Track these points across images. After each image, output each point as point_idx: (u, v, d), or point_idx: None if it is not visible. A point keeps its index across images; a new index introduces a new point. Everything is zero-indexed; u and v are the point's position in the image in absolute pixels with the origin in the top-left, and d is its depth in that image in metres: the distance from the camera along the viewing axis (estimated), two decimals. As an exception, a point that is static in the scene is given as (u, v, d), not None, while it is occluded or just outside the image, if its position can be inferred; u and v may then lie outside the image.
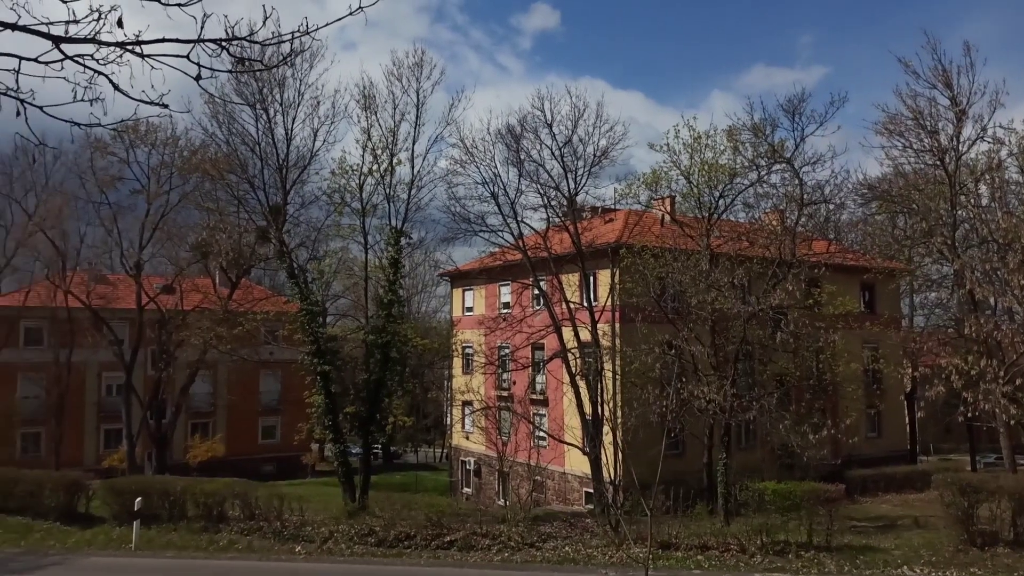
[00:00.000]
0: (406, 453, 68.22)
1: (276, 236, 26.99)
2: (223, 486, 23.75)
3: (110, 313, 40.65)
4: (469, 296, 43.41)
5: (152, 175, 34.42)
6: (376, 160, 27.08)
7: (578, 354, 28.17)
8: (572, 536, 21.32)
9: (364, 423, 27.13)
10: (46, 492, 24.66)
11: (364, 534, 21.06)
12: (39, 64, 3.80)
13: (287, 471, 50.11)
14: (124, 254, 36.04)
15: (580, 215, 30.99)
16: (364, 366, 27.90)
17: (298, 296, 27.14)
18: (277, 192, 27.98)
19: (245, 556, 20.21)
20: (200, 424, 50.78)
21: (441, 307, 65.37)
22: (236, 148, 27.88)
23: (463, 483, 43.04)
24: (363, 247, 28.28)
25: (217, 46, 3.65)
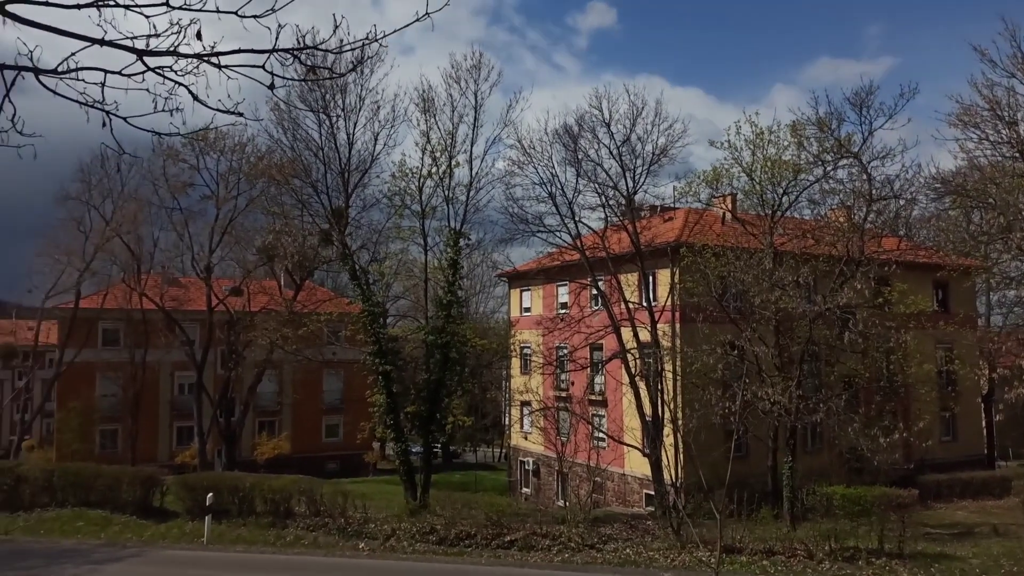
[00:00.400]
0: (465, 452, 68.74)
1: (339, 239, 27.56)
2: (289, 483, 24.38)
3: (182, 315, 42.19)
4: (527, 296, 43.46)
5: (221, 181, 35.67)
6: (435, 162, 27.41)
7: (637, 355, 27.90)
8: (633, 538, 21.13)
9: (425, 422, 27.45)
10: (124, 487, 25.74)
11: (425, 532, 21.31)
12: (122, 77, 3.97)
13: (350, 469, 51.07)
14: (195, 257, 37.42)
15: (639, 214, 30.70)
16: (424, 366, 28.24)
17: (360, 297, 27.65)
18: (339, 196, 28.60)
19: (311, 552, 20.69)
20: (267, 422, 52.21)
21: (499, 307, 65.66)
22: (300, 153, 28.62)
23: (522, 483, 43.11)
24: (423, 249, 28.65)
25: (290, 55, 3.76)
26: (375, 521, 22.46)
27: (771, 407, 22.15)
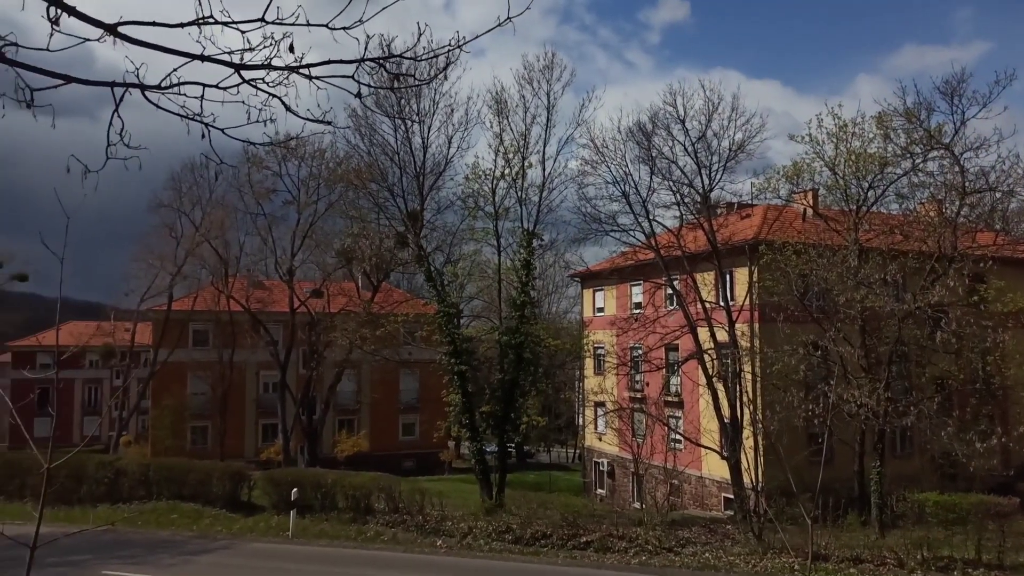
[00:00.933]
0: (539, 452, 68.81)
1: (414, 241, 28.06)
2: (369, 480, 24.98)
3: (266, 316, 43.80)
4: (600, 296, 43.19)
5: (302, 187, 36.90)
6: (508, 164, 27.58)
7: (715, 355, 27.35)
8: (712, 542, 20.71)
9: (499, 422, 27.64)
10: (214, 481, 26.90)
11: (501, 531, 21.45)
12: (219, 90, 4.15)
13: (426, 467, 51.91)
14: (278, 261, 38.81)
15: (715, 212, 30.09)
16: (499, 366, 28.45)
17: (435, 298, 28.07)
18: (415, 199, 29.12)
19: (391, 548, 21.13)
20: (346, 420, 53.60)
21: (572, 308, 65.46)
22: (377, 158, 29.30)
23: (596, 484, 42.87)
24: (496, 250, 28.88)
25: (376, 64, 3.86)
26: (452, 519, 22.75)
27: (857, 410, 21.33)
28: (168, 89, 4.07)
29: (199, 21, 3.50)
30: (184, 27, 3.45)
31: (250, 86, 4.07)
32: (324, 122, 4.35)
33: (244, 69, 3.75)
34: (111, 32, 3.31)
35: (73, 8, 3.18)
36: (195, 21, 3.46)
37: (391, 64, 4.10)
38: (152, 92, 4.03)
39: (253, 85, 3.93)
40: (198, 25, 3.58)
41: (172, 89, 4.07)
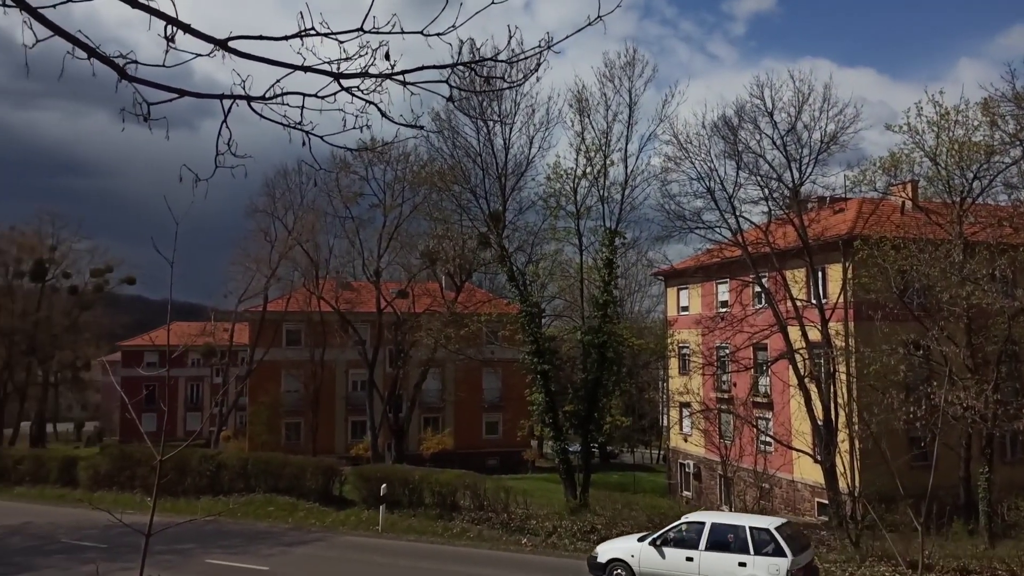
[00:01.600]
0: (622, 453, 68.17)
1: (496, 241, 28.31)
2: (455, 477, 25.38)
3: (354, 316, 45.07)
4: (684, 295, 42.41)
5: (387, 190, 37.86)
6: (590, 162, 27.47)
7: (806, 355, 26.42)
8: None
9: (583, 422, 27.56)
10: (307, 475, 27.93)
11: (586, 531, 21.40)
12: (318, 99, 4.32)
13: (509, 466, 52.23)
14: (365, 263, 39.95)
15: (805, 206, 29.08)
16: (581, 366, 28.37)
17: (518, 298, 28.24)
18: (497, 199, 29.39)
19: (477, 544, 21.40)
20: (431, 418, 54.55)
21: (655, 307, 64.54)
22: (459, 160, 29.74)
23: (682, 486, 42.12)
24: (578, 249, 28.80)
25: (467, 69, 3.94)
26: (536, 518, 22.84)
27: (963, 412, 20.17)
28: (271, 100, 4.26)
29: (301, 34, 3.66)
30: (287, 40, 3.61)
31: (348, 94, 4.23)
32: (416, 126, 4.47)
33: (343, 78, 3.89)
34: (222, 47, 3.51)
35: (188, 25, 3.38)
36: (298, 34, 3.62)
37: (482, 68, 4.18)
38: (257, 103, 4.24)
39: (351, 92, 4.08)
40: (300, 37, 3.74)
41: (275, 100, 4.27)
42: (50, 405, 65.05)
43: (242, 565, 19.10)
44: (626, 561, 16.59)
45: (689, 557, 15.73)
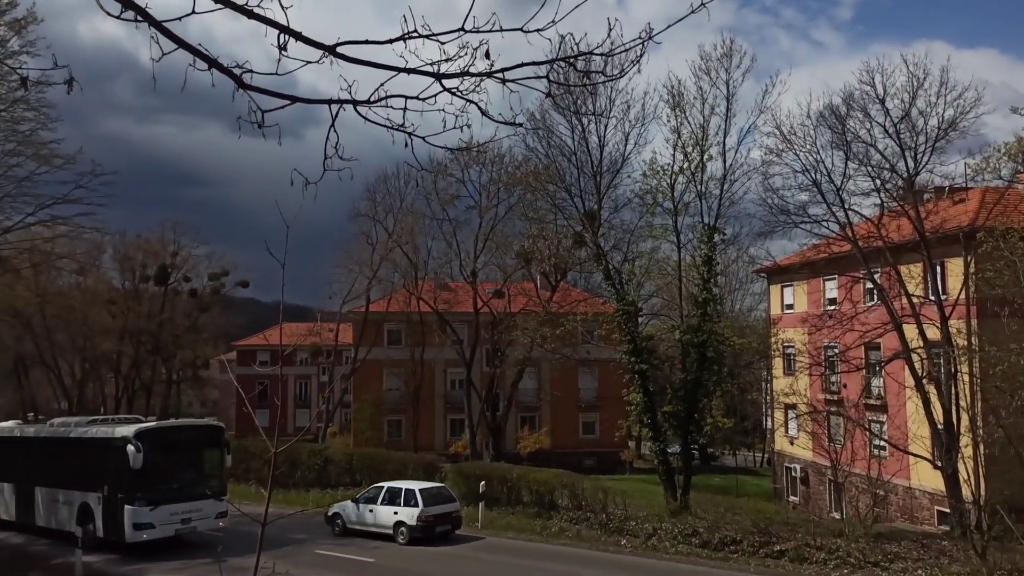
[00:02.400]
0: (724, 455, 66.38)
1: (592, 240, 28.14)
2: (552, 476, 25.44)
3: (452, 316, 45.94)
4: (788, 292, 40.80)
5: (483, 191, 38.42)
6: (687, 158, 26.88)
7: (924, 355, 24.89)
8: (925, 559, 18.88)
9: (682, 422, 27.00)
10: (409, 471, 28.64)
11: (687, 534, 20.95)
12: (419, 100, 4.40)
13: (606, 466, 51.80)
14: (462, 263, 40.69)
15: (921, 197, 27.39)
16: (680, 365, 27.80)
17: (614, 297, 27.97)
18: (592, 198, 29.21)
19: (575, 544, 21.35)
20: (528, 417, 54.84)
21: (757, 305, 62.48)
22: (554, 159, 29.75)
23: (788, 491, 40.55)
24: (675, 246, 28.25)
25: (567, 64, 3.92)
26: (636, 519, 22.58)
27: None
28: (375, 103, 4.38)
29: (404, 36, 3.74)
30: (391, 43, 3.70)
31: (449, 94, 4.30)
32: (515, 124, 4.50)
33: (444, 78, 3.96)
34: (331, 52, 3.63)
35: (299, 33, 3.52)
36: (401, 36, 3.71)
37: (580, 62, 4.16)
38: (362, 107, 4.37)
39: (452, 92, 4.14)
40: (403, 40, 3.83)
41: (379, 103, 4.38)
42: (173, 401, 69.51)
43: (349, 556, 19.79)
44: (340, 513, 23.20)
45: (371, 509, 22.38)
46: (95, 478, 20.08)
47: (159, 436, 20.29)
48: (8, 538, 23.34)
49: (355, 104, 4.28)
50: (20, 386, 65.36)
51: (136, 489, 19.19)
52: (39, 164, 28.83)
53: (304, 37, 3.51)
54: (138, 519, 19.09)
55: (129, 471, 18.93)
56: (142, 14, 3.23)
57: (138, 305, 57.90)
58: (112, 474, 19.63)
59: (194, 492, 20.17)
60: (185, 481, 20.60)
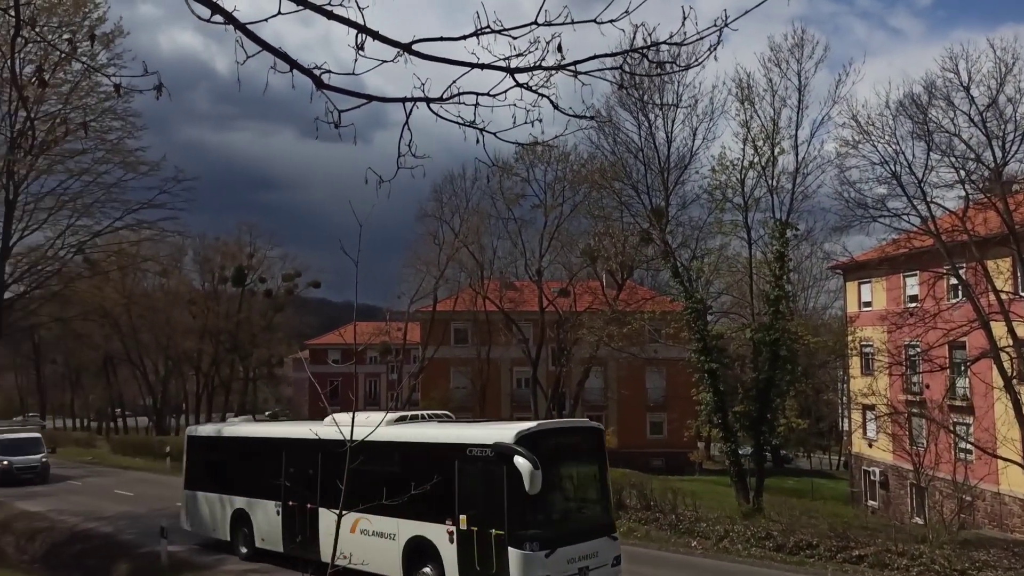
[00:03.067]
0: (797, 457, 64.59)
1: (659, 237, 27.81)
2: (620, 476, 25.21)
3: (518, 315, 46.10)
4: (866, 289, 39.37)
5: (548, 190, 38.41)
6: (757, 152, 26.27)
7: (1014, 353, 23.63)
8: (1017, 568, 17.92)
9: (754, 423, 26.39)
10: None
11: (761, 537, 20.44)
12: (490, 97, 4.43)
13: (674, 467, 51.06)
14: (527, 262, 40.84)
15: (1010, 188, 26.00)
16: (752, 364, 27.18)
17: (682, 295, 27.57)
18: (659, 194, 28.87)
19: (644, 544, 21.09)
20: (594, 416, 54.29)
21: (832, 302, 60.54)
22: (621, 156, 29.53)
23: (866, 495, 39.15)
24: (746, 243, 27.66)
25: (640, 55, 3.89)
26: (707, 520, 22.14)
27: None
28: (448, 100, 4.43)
29: (477, 32, 3.77)
30: (464, 39, 3.75)
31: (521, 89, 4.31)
32: (587, 117, 4.48)
33: (516, 72, 3.97)
34: (406, 50, 3.70)
35: (377, 32, 3.61)
36: (474, 33, 3.74)
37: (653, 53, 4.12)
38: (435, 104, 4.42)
39: (524, 87, 4.15)
40: (476, 36, 3.86)
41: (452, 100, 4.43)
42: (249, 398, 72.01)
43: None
44: None
45: None
46: (439, 503, 13.34)
47: (545, 443, 13.23)
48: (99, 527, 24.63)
49: (428, 102, 4.33)
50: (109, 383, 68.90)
51: (525, 524, 12.63)
52: (126, 171, 30.41)
53: (381, 36, 3.59)
54: (532, 570, 12.32)
55: (514, 497, 12.47)
56: (228, 18, 3.36)
57: (217, 305, 60.29)
58: (478, 499, 13.27)
59: (587, 527, 13.90)
60: (575, 510, 14.75)
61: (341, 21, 3.51)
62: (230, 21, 3.38)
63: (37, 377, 74.72)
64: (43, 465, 33.70)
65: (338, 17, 3.50)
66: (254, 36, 3.50)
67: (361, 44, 3.73)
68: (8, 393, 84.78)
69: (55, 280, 31.81)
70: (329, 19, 3.51)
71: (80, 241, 30.93)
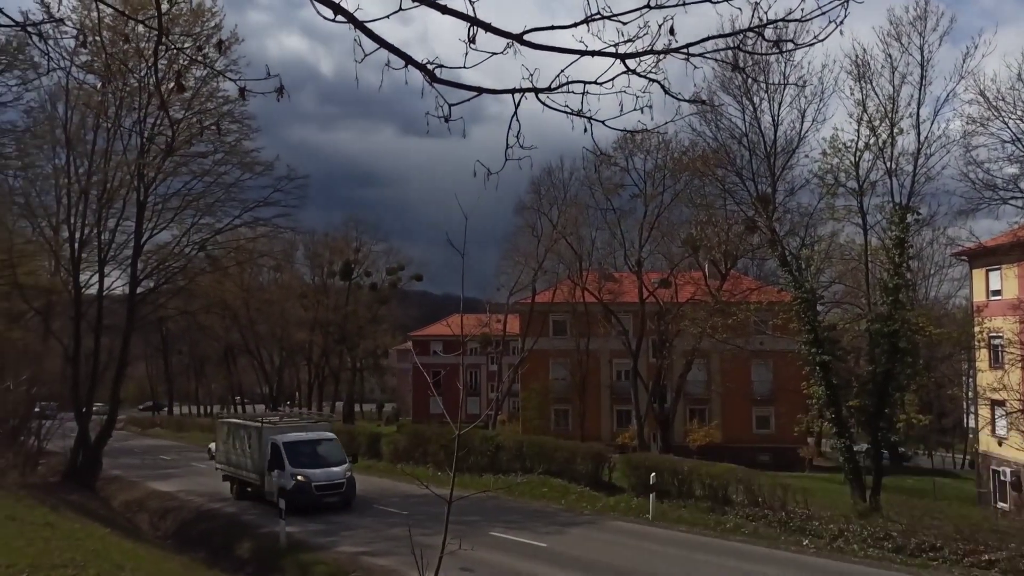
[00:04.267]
0: (917, 455, 61.04)
1: (766, 225, 26.83)
2: (726, 471, 24.58)
3: (617, 307, 45.66)
4: (995, 276, 36.61)
5: (648, 179, 37.82)
6: (873, 132, 24.86)
7: None
8: None
9: (871, 418, 25.07)
10: (578, 460, 28.84)
11: (879, 537, 19.46)
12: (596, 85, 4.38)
13: (782, 463, 49.18)
14: (626, 253, 40.29)
15: None
16: (868, 356, 25.82)
17: (791, 284, 26.50)
18: (765, 180, 27.86)
19: (752, 541, 20.51)
20: (697, 410, 53.41)
21: (956, 291, 56.75)
22: (724, 143, 28.68)
23: (996, 496, 36.54)
24: (861, 229, 26.28)
25: (756, 34, 3.76)
26: (819, 519, 21.28)
27: None
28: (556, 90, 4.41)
29: (588, 19, 3.74)
30: (575, 27, 3.72)
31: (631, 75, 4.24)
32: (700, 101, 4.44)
33: (627, 58, 3.91)
34: (518, 41, 3.72)
35: (489, 24, 3.64)
36: (585, 19, 3.72)
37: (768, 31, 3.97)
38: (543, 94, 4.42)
39: (634, 72, 4.09)
40: (587, 23, 3.83)
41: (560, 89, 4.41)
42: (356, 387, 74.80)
43: (523, 540, 20.29)
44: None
45: None
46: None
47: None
48: (222, 507, 26.25)
49: (536, 92, 4.34)
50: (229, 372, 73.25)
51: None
52: (243, 171, 32.13)
53: (493, 27, 3.62)
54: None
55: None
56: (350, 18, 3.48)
57: (326, 298, 62.94)
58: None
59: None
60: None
61: (456, 15, 3.56)
62: (351, 21, 3.50)
63: (165, 366, 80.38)
64: (348, 482, 24.75)
65: (453, 11, 3.56)
66: (373, 34, 3.60)
67: (472, 37, 3.77)
68: (139, 381, 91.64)
69: (180, 276, 34.00)
70: (444, 14, 3.57)
71: (203, 238, 32.95)
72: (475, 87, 4.24)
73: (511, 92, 4.34)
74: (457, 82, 4.08)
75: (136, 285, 30.93)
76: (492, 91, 4.37)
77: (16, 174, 26.44)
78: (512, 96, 4.36)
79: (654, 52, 3.82)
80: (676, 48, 3.82)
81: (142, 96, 26.93)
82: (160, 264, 32.93)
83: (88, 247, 30.29)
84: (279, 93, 4.61)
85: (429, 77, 3.84)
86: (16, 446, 27.37)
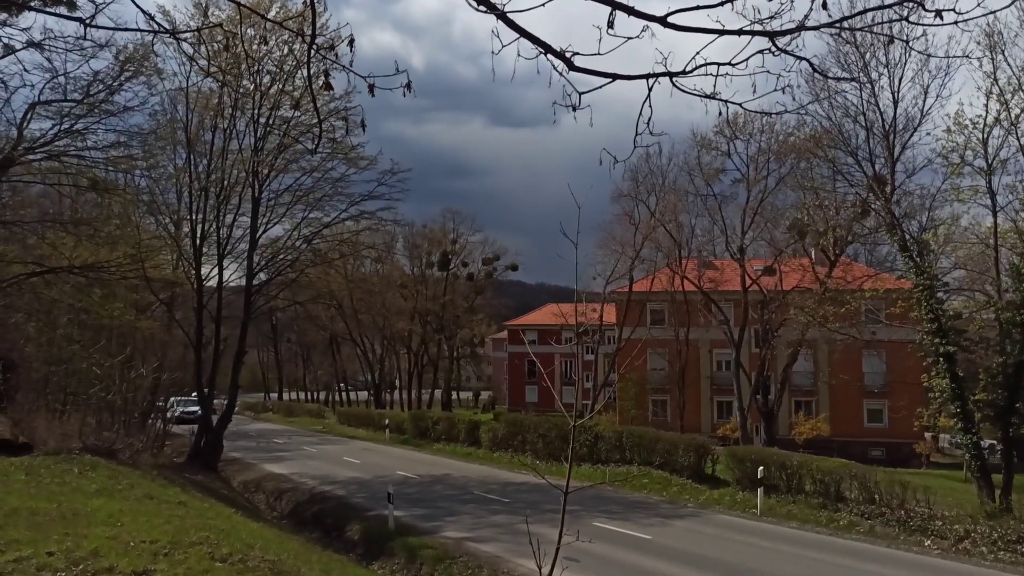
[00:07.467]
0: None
1: (884, 207, 25.35)
2: (839, 466, 23.56)
3: (718, 295, 44.47)
4: None
5: (750, 163, 36.49)
6: (1005, 106, 23.02)
7: None
8: None
9: (1002, 413, 23.38)
10: (679, 452, 28.31)
11: (1011, 540, 18.20)
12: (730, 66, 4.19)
13: (896, 458, 46.67)
14: (728, 240, 39.08)
15: None
16: (998, 347, 24.06)
17: (911, 270, 24.99)
18: (882, 161, 26.32)
19: (869, 540, 19.61)
20: (803, 402, 51.43)
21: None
22: (837, 122, 27.22)
23: None
24: (990, 210, 24.43)
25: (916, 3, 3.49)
26: (943, 519, 20.07)
27: None
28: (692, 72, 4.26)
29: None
30: (722, 5, 3.57)
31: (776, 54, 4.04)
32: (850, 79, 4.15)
33: (776, 36, 3.73)
34: (662, 23, 3.60)
35: (632, 8, 3.54)
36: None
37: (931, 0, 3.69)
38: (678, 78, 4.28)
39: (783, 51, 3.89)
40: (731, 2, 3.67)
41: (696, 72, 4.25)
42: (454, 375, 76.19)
43: (626, 531, 20.12)
44: None
45: None
46: None
47: None
48: (333, 490, 27.34)
49: (671, 76, 4.20)
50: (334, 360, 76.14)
51: None
52: (348, 166, 33.15)
53: (636, 11, 3.52)
54: None
55: None
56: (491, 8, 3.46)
57: (424, 288, 64.35)
58: None
59: None
60: None
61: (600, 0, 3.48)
62: (492, 11, 3.48)
63: (275, 354, 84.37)
64: None
65: (600, -3, 3.48)
66: (513, 24, 3.58)
67: (611, 21, 3.68)
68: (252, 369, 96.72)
69: (290, 268, 35.52)
70: None
71: (312, 232, 34.29)
72: (610, 73, 4.15)
73: (645, 77, 4.23)
74: (593, 69, 4.00)
75: (252, 277, 32.52)
76: (627, 77, 4.27)
77: (142, 174, 28.26)
78: (647, 81, 4.25)
79: (807, 28, 3.63)
80: (832, 23, 3.61)
81: (255, 97, 28.16)
82: (273, 257, 34.49)
83: (208, 241, 32.07)
84: (406, 88, 4.66)
85: (568, 65, 3.78)
86: (146, 429, 29.41)
